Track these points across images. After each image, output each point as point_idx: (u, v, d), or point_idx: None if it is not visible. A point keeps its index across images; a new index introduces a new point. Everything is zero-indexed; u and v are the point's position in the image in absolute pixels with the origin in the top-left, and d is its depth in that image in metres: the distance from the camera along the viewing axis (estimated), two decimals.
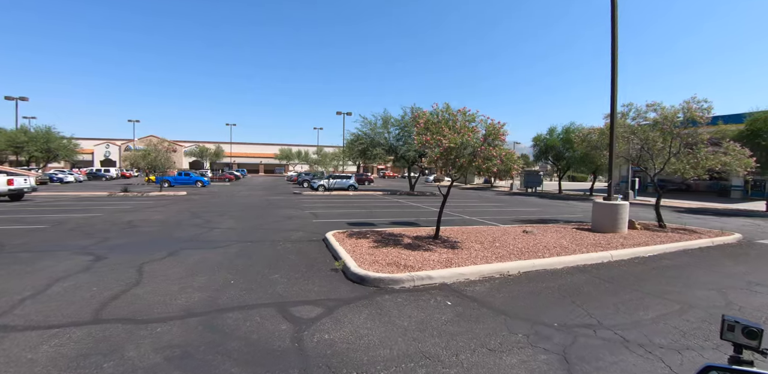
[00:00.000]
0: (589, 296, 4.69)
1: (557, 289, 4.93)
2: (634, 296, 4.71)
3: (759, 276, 5.76)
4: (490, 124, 6.72)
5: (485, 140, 6.54)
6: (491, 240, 7.67)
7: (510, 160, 6.63)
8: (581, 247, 7.04)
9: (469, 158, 6.60)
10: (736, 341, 1.22)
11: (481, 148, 6.37)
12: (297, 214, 13.22)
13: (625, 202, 8.86)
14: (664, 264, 6.46)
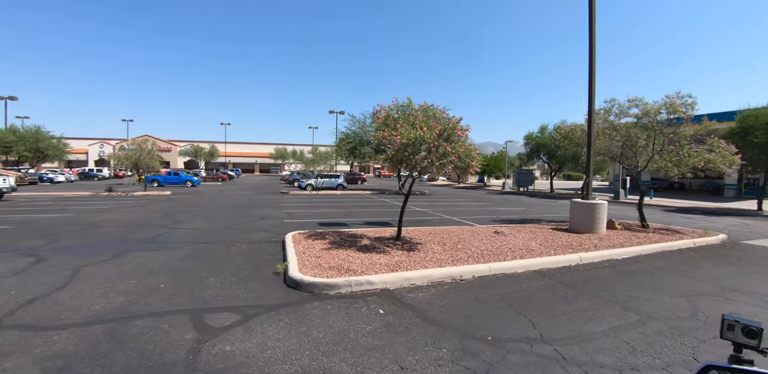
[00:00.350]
0: (541, 304, 4.26)
1: (508, 296, 4.50)
2: (591, 304, 4.28)
3: (736, 282, 5.33)
4: (445, 119, 6.29)
5: (440, 136, 6.11)
6: (456, 241, 7.24)
7: (468, 157, 6.20)
8: (550, 249, 6.60)
9: (422, 155, 6.18)
10: (735, 340, 1.21)
11: (434, 144, 5.95)
12: (272, 214, 12.86)
13: (603, 202, 8.42)
14: (636, 268, 6.03)
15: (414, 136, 5.87)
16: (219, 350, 3.06)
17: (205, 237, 8.32)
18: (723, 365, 1.13)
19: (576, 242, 7.31)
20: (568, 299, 4.45)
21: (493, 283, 5.04)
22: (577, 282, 5.18)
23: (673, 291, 4.83)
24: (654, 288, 4.92)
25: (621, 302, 4.37)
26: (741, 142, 14.84)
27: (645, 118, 9.53)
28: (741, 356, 1.20)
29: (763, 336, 1.18)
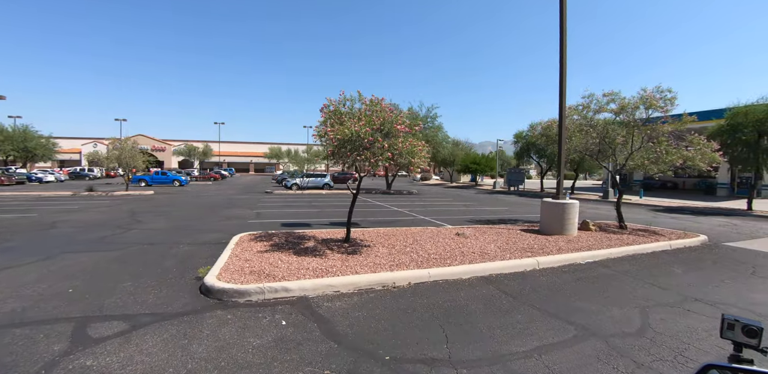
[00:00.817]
0: (471, 317, 3.76)
1: (437, 307, 4.01)
2: (528, 317, 3.79)
3: (702, 290, 4.83)
4: (387, 114, 5.80)
5: (377, 131, 5.64)
6: (409, 243, 6.76)
7: (410, 154, 5.72)
8: (507, 253, 6.10)
9: (358, 151, 5.71)
10: (735, 339, 1.20)
11: (369, 139, 5.48)
12: (241, 214, 12.43)
13: (574, 201, 7.92)
14: (597, 274, 5.54)
15: (348, 131, 5.41)
16: (77, 364, 2.77)
17: (155, 238, 7.96)
18: (723, 364, 1.12)
19: (539, 245, 6.81)
20: (504, 311, 3.96)
21: (428, 291, 4.55)
22: (523, 290, 4.68)
23: (629, 301, 4.34)
24: (608, 298, 4.43)
25: (563, 314, 3.87)
26: (730, 140, 14.37)
27: (623, 114, 9.04)
28: (741, 355, 1.18)
29: (763, 335, 1.17)
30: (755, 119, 13.76)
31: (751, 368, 1.10)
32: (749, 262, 6.51)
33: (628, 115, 8.80)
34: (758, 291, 4.81)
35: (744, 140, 13.63)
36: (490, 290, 4.65)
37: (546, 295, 4.50)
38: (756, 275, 5.66)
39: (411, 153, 5.71)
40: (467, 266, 5.29)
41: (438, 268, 5.11)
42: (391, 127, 5.66)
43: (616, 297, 4.48)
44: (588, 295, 4.53)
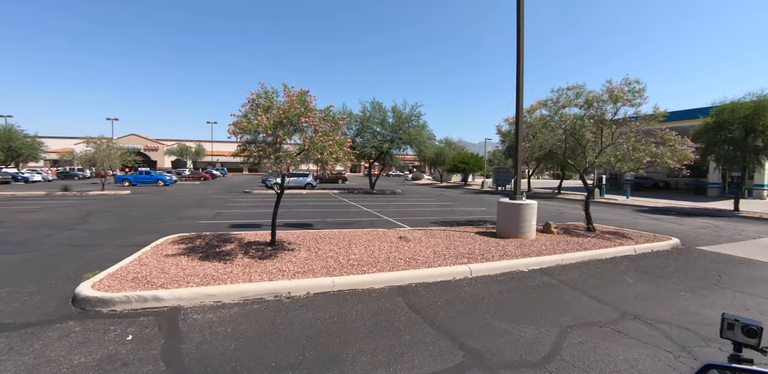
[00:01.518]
0: (348, 337, 3.15)
1: (318, 323, 3.42)
2: (417, 338, 3.16)
3: (647, 304, 4.19)
4: (295, 106, 5.19)
5: (279, 125, 5.06)
6: (340, 247, 6.17)
7: (317, 150, 5.12)
8: (441, 259, 5.48)
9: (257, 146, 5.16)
10: (735, 339, 1.19)
11: (268, 133, 4.91)
12: (199, 215, 11.89)
13: (530, 202, 7.27)
14: (535, 283, 4.90)
15: (248, 127, 4.86)
16: None
17: (85, 240, 7.52)
18: (723, 364, 1.11)
19: (483, 250, 6.17)
20: (394, 330, 3.33)
21: (323, 303, 3.96)
22: (435, 303, 4.05)
23: (552, 318, 3.70)
24: (529, 314, 3.79)
25: (462, 335, 3.24)
26: (717, 138, 13.70)
27: (591, 109, 8.39)
28: (741, 355, 1.17)
29: (762, 335, 1.15)
30: (742, 116, 13.07)
31: (751, 368, 1.08)
32: (716, 270, 5.87)
33: (596, 110, 8.16)
34: (712, 306, 4.17)
35: (730, 138, 12.94)
36: (396, 303, 4.02)
37: (459, 310, 3.87)
38: (718, 285, 5.02)
39: (319, 149, 5.10)
40: (383, 274, 4.67)
41: (347, 277, 4.51)
42: (298, 121, 5.06)
43: (540, 312, 3.85)
44: (508, 310, 3.90)
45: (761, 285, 5.06)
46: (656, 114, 7.99)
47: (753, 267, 6.09)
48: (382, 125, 23.37)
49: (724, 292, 4.70)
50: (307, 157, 5.44)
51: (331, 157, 5.22)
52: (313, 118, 5.21)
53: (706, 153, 14.54)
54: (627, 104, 7.87)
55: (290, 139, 5.46)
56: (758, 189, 19.38)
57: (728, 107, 13.58)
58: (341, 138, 5.59)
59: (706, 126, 14.02)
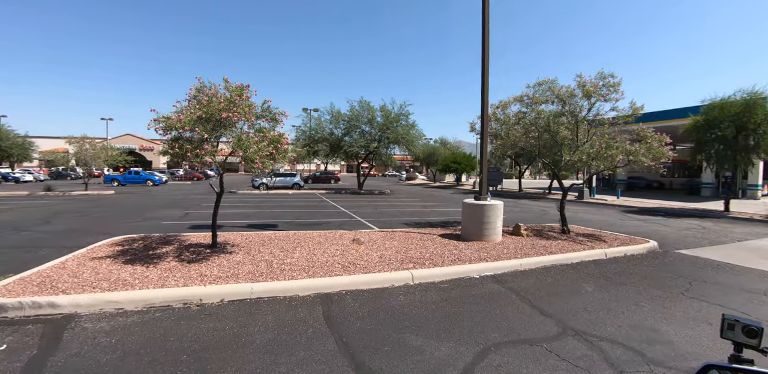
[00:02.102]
0: (236, 352, 2.77)
1: (214, 334, 3.06)
2: (314, 356, 2.72)
3: (598, 317, 3.71)
4: (219, 100, 4.77)
5: (200, 121, 4.65)
6: (285, 250, 5.81)
7: (239, 146, 4.70)
8: (385, 264, 5.04)
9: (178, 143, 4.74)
10: (736, 340, 1.19)
11: (185, 129, 4.50)
12: (167, 215, 11.56)
13: (495, 202, 6.80)
14: (480, 292, 4.44)
15: (170, 123, 4.45)
16: None
17: (31, 241, 7.22)
18: (723, 364, 1.10)
19: (438, 253, 5.72)
20: (292, 344, 2.92)
21: (232, 312, 3.62)
22: (354, 314, 3.62)
23: (480, 333, 3.25)
24: (456, 328, 3.33)
25: (366, 352, 2.81)
26: (706, 136, 13.22)
27: (562, 104, 7.93)
28: (741, 355, 1.16)
29: (763, 335, 1.15)
30: (732, 113, 12.60)
31: (752, 368, 1.07)
32: (689, 276, 5.40)
33: (569, 106, 7.70)
34: (670, 320, 3.70)
35: (720, 136, 12.44)
36: (313, 313, 3.62)
37: (378, 322, 3.43)
38: (686, 294, 4.55)
39: (243, 146, 4.68)
40: (312, 280, 4.26)
41: (270, 283, 4.13)
42: (219, 116, 4.64)
43: (470, 326, 3.39)
44: (435, 323, 3.45)
45: (733, 295, 4.59)
46: (633, 109, 7.53)
47: (730, 274, 5.62)
48: (371, 124, 22.92)
49: (690, 303, 4.23)
50: (234, 154, 5.02)
51: (257, 154, 4.78)
52: (239, 113, 4.79)
53: (696, 152, 14.07)
54: (601, 99, 7.41)
55: (210, 135, 5.02)
56: (752, 189, 18.86)
57: (718, 105, 13.10)
58: (276, 135, 5.17)
59: (695, 124, 13.54)
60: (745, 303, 4.25)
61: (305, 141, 23.84)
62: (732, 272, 5.73)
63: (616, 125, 7.76)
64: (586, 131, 8.06)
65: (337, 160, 25.72)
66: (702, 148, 13.62)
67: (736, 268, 5.99)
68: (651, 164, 6.98)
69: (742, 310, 4.02)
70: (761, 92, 12.49)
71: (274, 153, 5.18)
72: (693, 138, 13.85)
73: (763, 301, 4.34)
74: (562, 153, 8.53)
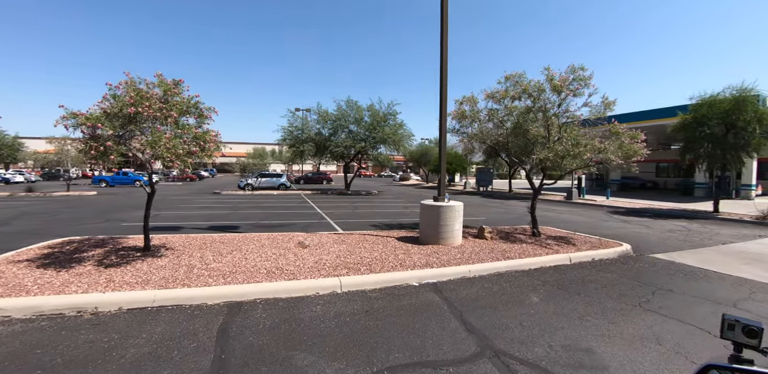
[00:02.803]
0: (96, 369, 2.33)
1: (86, 347, 2.69)
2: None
3: (528, 334, 3.24)
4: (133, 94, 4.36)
5: (108, 116, 4.25)
6: (212, 254, 5.37)
7: (148, 144, 4.29)
8: (316, 271, 4.61)
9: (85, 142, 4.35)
10: (736, 340, 1.18)
11: (87, 125, 4.11)
12: (135, 216, 11.25)
13: (453, 204, 6.34)
14: (411, 302, 3.97)
15: (79, 121, 4.06)
16: None
17: None
18: (723, 364, 1.09)
19: (383, 258, 5.27)
20: (163, 360, 2.55)
21: (123, 322, 3.35)
22: (255, 326, 3.23)
23: (383, 353, 2.78)
24: (358, 346, 2.88)
25: (238, 372, 2.37)
26: (695, 135, 12.72)
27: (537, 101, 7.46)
28: (741, 356, 1.15)
29: (763, 336, 1.14)
30: (721, 111, 12.10)
31: (752, 368, 1.06)
32: (656, 284, 4.93)
33: (536, 101, 7.24)
34: (613, 338, 3.22)
35: (709, 134, 11.94)
36: (209, 325, 3.26)
37: (275, 337, 3.02)
38: (644, 306, 4.07)
39: (151, 144, 4.27)
40: (226, 287, 3.95)
41: (177, 290, 3.83)
42: (127, 111, 4.25)
43: (373, 345, 2.94)
44: (339, 340, 3.00)
45: (698, 306, 4.11)
46: (605, 104, 7.06)
47: (702, 281, 5.14)
48: (359, 124, 22.49)
49: (644, 317, 3.76)
50: (153, 153, 4.59)
51: (168, 152, 4.35)
52: (152, 109, 4.38)
53: (685, 151, 13.57)
54: (570, 94, 6.95)
55: (115, 131, 4.60)
56: (746, 189, 18.30)
57: (706, 102, 12.60)
58: (199, 132, 4.77)
59: (684, 122, 13.05)
60: (707, 317, 3.77)
61: (291, 141, 23.44)
62: (705, 279, 5.25)
63: (595, 124, 7.28)
64: (558, 128, 7.59)
65: (328, 160, 25.29)
66: (691, 147, 13.12)
67: (711, 275, 5.51)
68: (620, 162, 6.50)
69: (702, 326, 3.55)
70: (750, 88, 12.01)
71: (196, 151, 4.77)
72: (682, 137, 13.36)
73: None
74: (534, 151, 8.07)
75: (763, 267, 6.04)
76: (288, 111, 23.88)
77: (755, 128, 11.85)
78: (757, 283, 5.11)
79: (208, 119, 5.17)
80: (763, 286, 4.98)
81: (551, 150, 6.84)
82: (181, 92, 5.14)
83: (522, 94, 7.22)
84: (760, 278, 5.37)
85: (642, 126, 21.11)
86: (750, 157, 12.68)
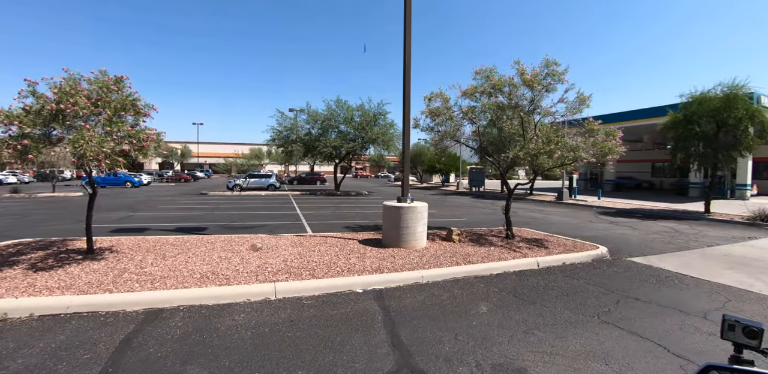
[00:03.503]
0: None
1: None
2: None
3: (459, 350, 2.88)
4: None
5: (28, 114, 3.98)
6: (156, 257, 5.11)
7: (71, 143, 4.00)
8: (255, 275, 4.31)
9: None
10: (736, 340, 1.17)
11: (4, 123, 3.84)
12: (107, 217, 11.19)
13: (414, 205, 5.97)
14: (345, 311, 3.61)
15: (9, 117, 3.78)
16: None
17: None
18: (724, 365, 1.08)
19: (329, 262, 4.91)
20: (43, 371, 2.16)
21: (26, 331, 3.10)
22: (163, 336, 2.92)
23: (283, 371, 2.46)
24: (258, 362, 2.54)
25: None
26: (685, 133, 12.32)
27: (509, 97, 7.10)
28: (741, 356, 1.15)
29: (763, 336, 1.13)
30: (712, 108, 11.70)
31: (752, 369, 1.06)
32: (623, 291, 4.56)
33: (508, 96, 6.89)
34: (555, 357, 2.85)
35: (699, 133, 11.54)
36: (114, 334, 2.99)
37: (178, 349, 2.75)
38: (603, 317, 3.69)
39: (73, 142, 3.98)
40: (148, 293, 3.74)
41: (95, 296, 3.62)
42: (54, 108, 3.97)
43: (278, 360, 2.59)
44: (244, 354, 2.67)
45: (664, 317, 3.74)
46: (579, 99, 6.70)
47: (674, 288, 4.77)
48: (348, 124, 22.15)
49: (599, 330, 3.39)
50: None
51: (91, 151, 4.04)
52: (76, 106, 4.09)
53: (676, 150, 13.18)
54: (542, 90, 6.60)
55: (33, 129, 4.29)
56: (741, 189, 17.84)
57: (697, 99, 12.20)
58: (132, 130, 4.47)
59: (674, 120, 12.66)
60: (671, 331, 3.38)
61: (280, 141, 23.12)
62: (678, 286, 4.88)
63: (576, 123, 6.92)
64: (533, 125, 7.23)
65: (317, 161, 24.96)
66: (682, 146, 12.73)
67: (686, 280, 5.14)
68: (593, 161, 6.13)
69: (663, 342, 3.16)
70: (742, 85, 11.62)
71: (127, 150, 4.46)
72: (672, 135, 12.97)
73: (697, 328, 3.47)
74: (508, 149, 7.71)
75: (746, 272, 5.67)
76: (276, 111, 23.56)
77: (747, 126, 11.47)
78: (735, 290, 4.74)
79: (145, 117, 4.91)
80: (742, 294, 4.60)
81: (522, 148, 6.48)
82: (122, 89, 4.92)
83: (492, 90, 6.86)
84: (740, 284, 5.00)
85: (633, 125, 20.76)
86: (742, 156, 12.29)
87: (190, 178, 46.77)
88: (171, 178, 46.23)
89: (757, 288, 4.83)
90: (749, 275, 5.51)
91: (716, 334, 3.30)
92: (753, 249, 7.48)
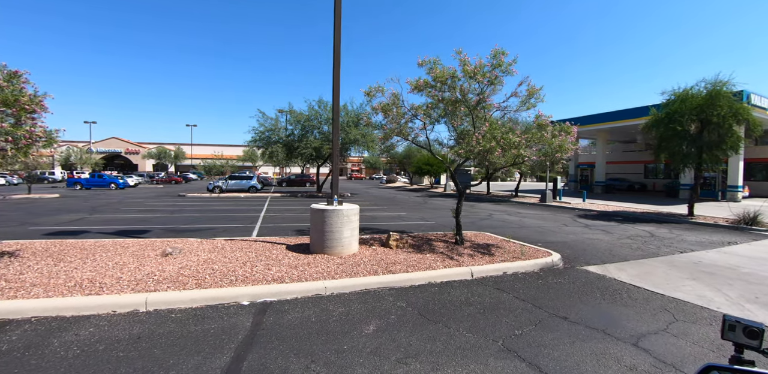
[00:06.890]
0: None
1: None
2: None
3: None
4: None
5: None
6: (53, 261, 4.69)
7: None
8: (134, 285, 3.83)
9: None
10: (736, 341, 1.16)
11: None
12: (58, 220, 10.51)
13: (340, 208, 5.38)
14: (207, 328, 3.06)
15: None
16: None
17: None
18: (724, 365, 1.09)
19: (228, 271, 4.37)
20: None
21: None
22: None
23: None
24: None
25: None
26: (668, 133, 11.71)
27: (455, 91, 6.54)
28: (742, 356, 1.14)
29: (764, 337, 1.12)
30: (695, 106, 11.10)
31: (752, 369, 1.06)
32: (555, 307, 3.96)
33: (451, 90, 6.33)
34: None
35: (681, 131, 10.90)
36: None
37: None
38: (506, 343, 3.07)
39: None
40: None
41: None
42: None
43: None
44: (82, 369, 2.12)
45: (581, 345, 3.08)
46: (530, 92, 6.14)
47: (617, 304, 4.16)
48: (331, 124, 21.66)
49: (491, 361, 2.79)
50: None
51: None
52: None
53: (659, 149, 12.56)
54: (486, 83, 6.05)
55: None
56: (732, 190, 17.13)
57: (679, 97, 11.62)
58: (7, 127, 4.01)
59: (655, 119, 12.07)
60: (581, 365, 2.72)
61: (261, 143, 22.65)
62: (624, 301, 4.27)
63: (502, 108, 6.35)
64: (483, 121, 6.66)
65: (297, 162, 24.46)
66: (665, 146, 12.11)
67: (636, 294, 4.53)
68: (534, 159, 5.55)
69: None
70: (725, 82, 11.01)
71: (3, 148, 4.00)
72: (655, 135, 12.37)
73: (618, 360, 2.80)
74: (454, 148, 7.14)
75: (710, 284, 5.06)
76: (258, 111, 23.10)
77: (731, 124, 10.86)
78: (689, 307, 4.11)
79: (32, 114, 4.45)
80: (695, 312, 3.98)
81: (465, 146, 5.91)
82: (17, 85, 4.50)
83: (435, 83, 6.31)
84: (697, 299, 4.39)
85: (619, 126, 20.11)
86: (727, 155, 11.66)
87: (181, 179, 46.45)
88: (161, 179, 45.85)
89: (715, 305, 4.20)
90: (712, 287, 4.90)
91: (638, 369, 2.69)
92: (727, 255, 6.86)
